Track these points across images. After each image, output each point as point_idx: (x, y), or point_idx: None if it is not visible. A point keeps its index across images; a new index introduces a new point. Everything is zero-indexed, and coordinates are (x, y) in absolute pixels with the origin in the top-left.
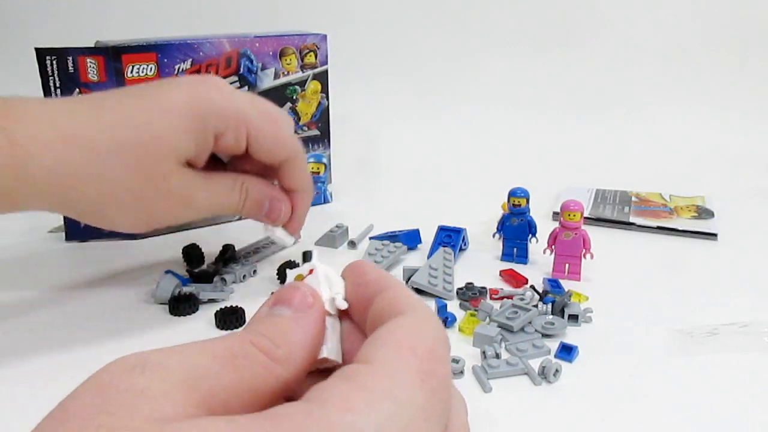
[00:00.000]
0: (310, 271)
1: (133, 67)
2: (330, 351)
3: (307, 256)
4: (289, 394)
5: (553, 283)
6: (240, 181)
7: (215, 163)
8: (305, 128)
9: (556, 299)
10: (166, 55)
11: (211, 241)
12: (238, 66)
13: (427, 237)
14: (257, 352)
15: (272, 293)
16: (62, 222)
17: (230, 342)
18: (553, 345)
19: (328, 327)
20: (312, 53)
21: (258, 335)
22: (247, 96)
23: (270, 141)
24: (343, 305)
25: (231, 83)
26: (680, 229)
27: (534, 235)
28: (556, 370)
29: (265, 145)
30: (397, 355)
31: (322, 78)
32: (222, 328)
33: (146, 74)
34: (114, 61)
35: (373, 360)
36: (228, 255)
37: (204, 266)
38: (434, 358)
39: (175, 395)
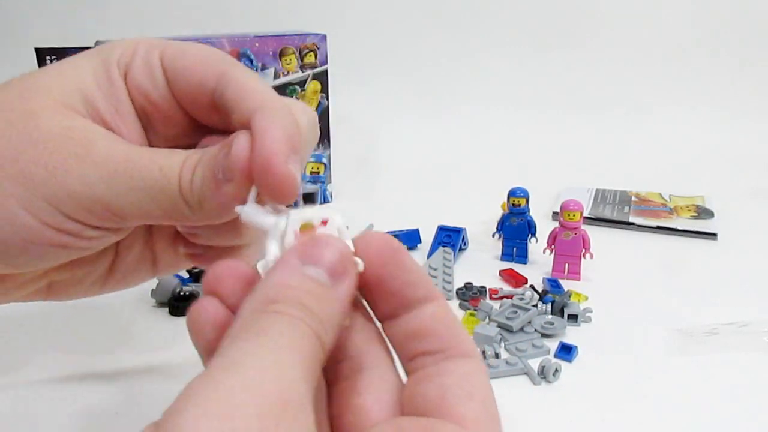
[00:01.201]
0: (324, 222)
1: None
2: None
3: (311, 198)
4: None
5: (553, 283)
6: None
7: None
8: None
9: (555, 299)
10: None
11: None
12: None
13: (427, 237)
14: (321, 352)
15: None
16: None
17: (310, 347)
18: (553, 345)
19: None
20: (312, 53)
21: (317, 321)
22: None
23: (192, 58)
24: (362, 267)
25: None
26: (680, 228)
27: (534, 234)
28: (556, 370)
29: (186, 64)
30: (488, 425)
31: (322, 78)
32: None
33: None
34: None
35: (465, 421)
36: None
37: None
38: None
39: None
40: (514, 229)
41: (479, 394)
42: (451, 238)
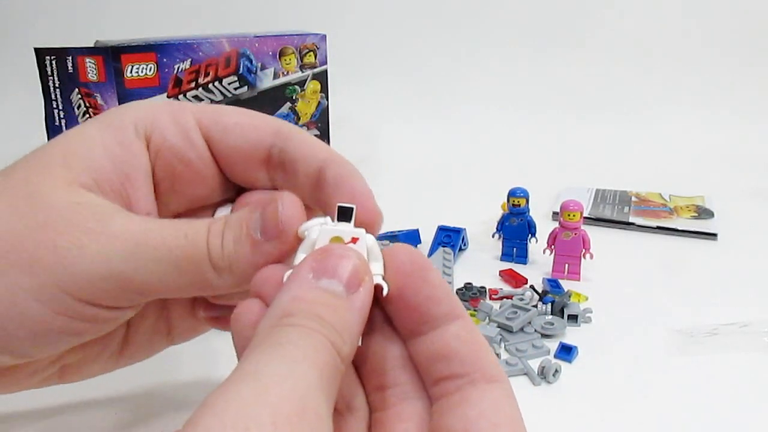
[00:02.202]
0: (354, 240)
1: (132, 67)
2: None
3: (347, 214)
4: None
5: (553, 283)
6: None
7: None
8: (305, 128)
9: (555, 299)
10: (165, 55)
11: None
12: (238, 66)
13: (427, 237)
14: (339, 361)
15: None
16: None
17: (326, 355)
18: (553, 345)
19: None
20: (311, 53)
21: (333, 332)
22: None
23: (239, 123)
24: (385, 292)
25: (230, 83)
26: (680, 229)
27: (533, 235)
28: (556, 371)
29: (235, 122)
30: None
31: (322, 78)
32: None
33: (146, 74)
34: (113, 61)
35: None
36: None
37: None
38: None
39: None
40: (514, 229)
41: (506, 424)
42: (450, 238)
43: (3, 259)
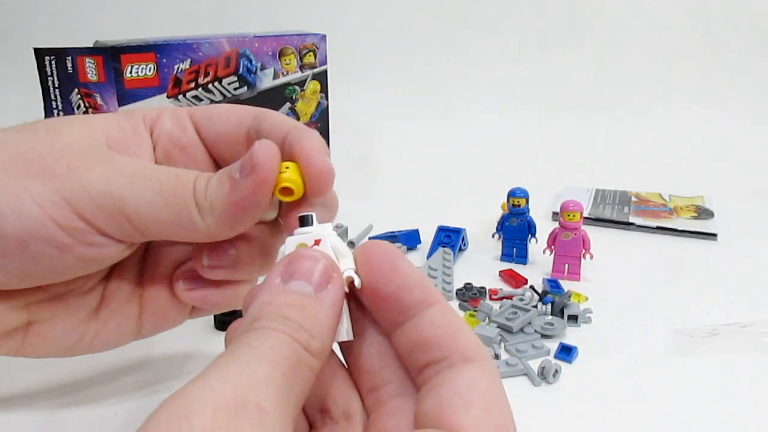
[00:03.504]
0: (317, 242)
1: (132, 67)
2: (348, 332)
3: (306, 221)
4: None
5: (553, 284)
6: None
7: None
8: None
9: (555, 299)
10: (165, 55)
11: None
12: (238, 66)
13: (427, 237)
14: (307, 355)
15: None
16: None
17: (284, 350)
18: (553, 345)
19: None
20: (311, 53)
21: (297, 329)
22: None
23: (223, 111)
24: (358, 284)
25: (230, 83)
26: (680, 229)
27: (533, 235)
28: (556, 371)
29: (219, 112)
30: (493, 430)
31: (322, 78)
32: (221, 329)
33: (145, 74)
34: (113, 61)
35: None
36: None
37: None
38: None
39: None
40: (514, 229)
41: (480, 400)
42: (450, 238)
43: (18, 169)
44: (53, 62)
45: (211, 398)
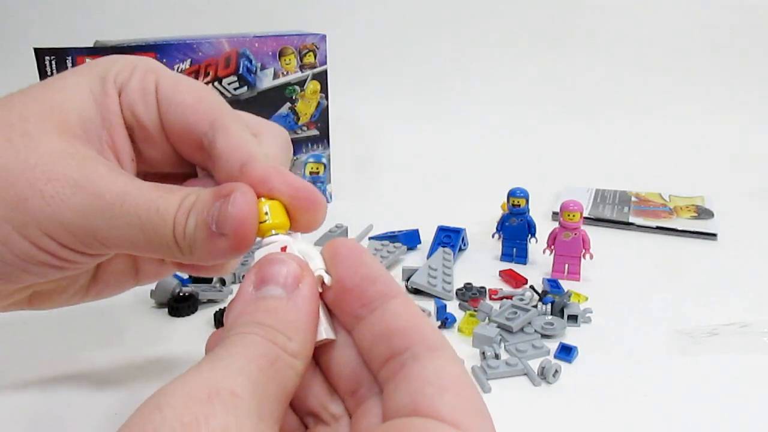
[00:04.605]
0: (283, 249)
1: None
2: (327, 330)
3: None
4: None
5: (553, 284)
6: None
7: None
8: (304, 128)
9: (555, 299)
10: (165, 55)
11: None
12: (238, 66)
13: (427, 237)
14: (286, 355)
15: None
16: None
17: (260, 348)
18: (553, 345)
19: None
20: (311, 53)
21: (272, 332)
22: None
23: (185, 102)
24: (329, 281)
25: (230, 83)
26: (680, 229)
27: (533, 235)
28: (556, 371)
29: (180, 101)
30: (482, 422)
31: (322, 78)
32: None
33: None
34: None
35: (462, 425)
36: None
37: None
38: (490, 416)
39: None
40: (514, 229)
41: (454, 386)
42: (450, 238)
43: None
44: (53, 62)
45: (184, 389)
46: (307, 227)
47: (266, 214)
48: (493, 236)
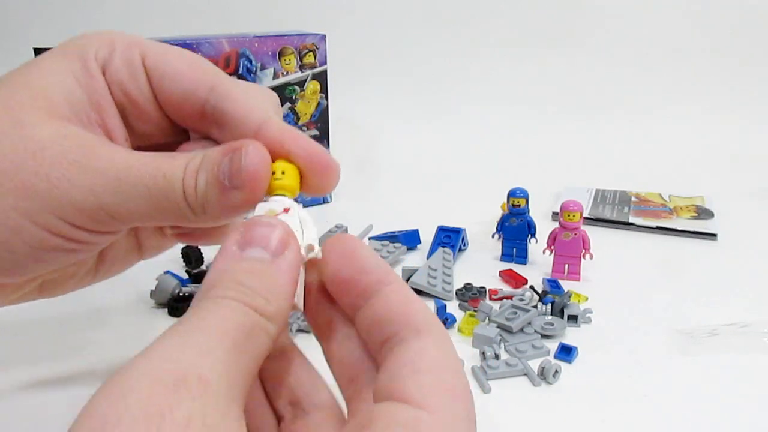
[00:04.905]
0: (286, 210)
1: None
2: (298, 299)
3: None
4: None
5: (553, 284)
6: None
7: None
8: (304, 128)
9: (555, 300)
10: None
11: None
12: (237, 66)
13: (427, 237)
14: (262, 319)
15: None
16: None
17: (236, 317)
18: (553, 345)
19: None
20: (311, 53)
21: (251, 294)
22: None
23: (178, 70)
24: (320, 255)
25: None
26: (680, 229)
27: (533, 235)
28: (556, 371)
29: (173, 69)
30: (452, 404)
31: (322, 78)
32: None
33: None
34: None
35: (428, 406)
36: None
37: (203, 266)
38: (471, 398)
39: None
40: (514, 229)
41: (430, 367)
42: (450, 238)
43: (0, 186)
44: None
45: (150, 373)
46: (319, 190)
47: (282, 173)
48: (493, 236)
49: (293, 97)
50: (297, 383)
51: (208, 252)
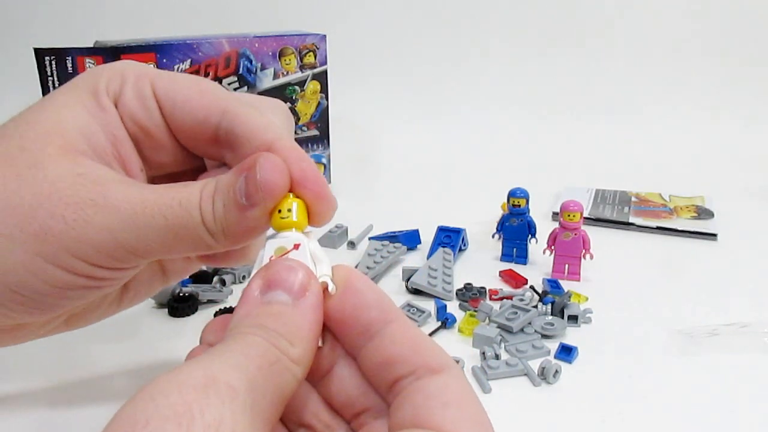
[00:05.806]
0: (296, 246)
1: None
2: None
3: None
4: None
5: (553, 284)
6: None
7: None
8: (305, 128)
9: (555, 300)
10: (165, 55)
11: None
12: (238, 66)
13: (427, 237)
14: (286, 360)
15: (258, 270)
16: None
17: (260, 348)
18: (553, 346)
19: None
20: (311, 53)
21: (275, 336)
22: None
23: (188, 98)
24: (332, 290)
25: (230, 83)
26: (680, 229)
27: (533, 235)
28: (556, 371)
29: (184, 97)
30: (472, 428)
31: (322, 78)
32: None
33: None
34: (113, 61)
35: (443, 428)
36: None
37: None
38: (489, 428)
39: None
40: (514, 229)
41: (456, 400)
42: (450, 238)
43: (19, 230)
44: (53, 62)
45: (179, 378)
46: (315, 224)
47: (289, 211)
48: (493, 236)
49: (293, 97)
50: (307, 406)
51: None
